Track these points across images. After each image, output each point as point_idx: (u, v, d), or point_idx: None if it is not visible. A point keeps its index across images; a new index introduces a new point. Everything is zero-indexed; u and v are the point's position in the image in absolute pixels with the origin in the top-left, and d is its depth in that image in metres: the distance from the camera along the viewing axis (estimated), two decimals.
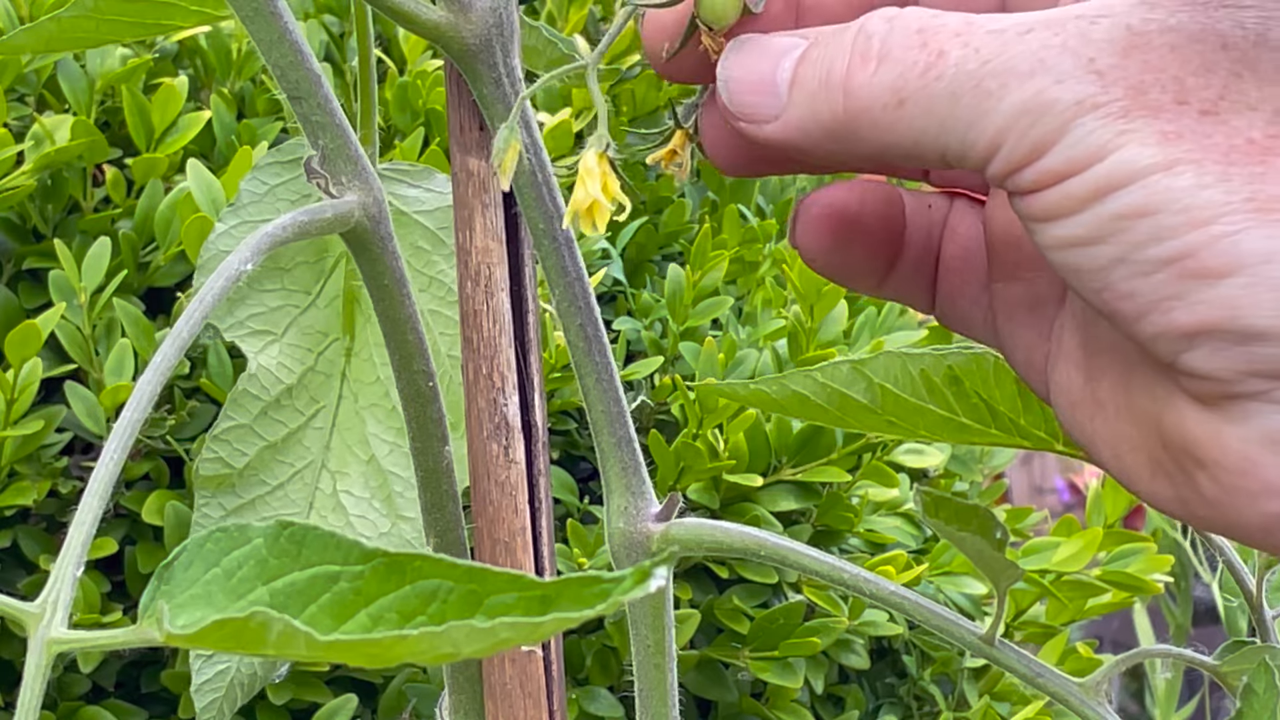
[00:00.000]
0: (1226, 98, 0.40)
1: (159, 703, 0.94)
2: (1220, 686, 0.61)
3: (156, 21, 0.64)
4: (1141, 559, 1.07)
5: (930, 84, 0.41)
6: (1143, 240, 0.39)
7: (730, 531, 0.57)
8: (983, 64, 0.41)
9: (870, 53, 0.43)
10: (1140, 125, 0.39)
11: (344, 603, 0.35)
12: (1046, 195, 0.41)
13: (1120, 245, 0.40)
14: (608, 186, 0.49)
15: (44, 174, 0.95)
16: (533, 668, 0.60)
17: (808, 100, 0.44)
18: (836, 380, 0.58)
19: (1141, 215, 0.39)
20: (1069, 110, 0.40)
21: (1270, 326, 0.39)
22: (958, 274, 0.49)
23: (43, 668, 0.37)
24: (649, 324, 1.04)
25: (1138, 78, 0.40)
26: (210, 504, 0.71)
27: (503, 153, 0.49)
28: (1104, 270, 0.40)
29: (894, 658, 1.11)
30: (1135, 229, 0.40)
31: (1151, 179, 0.39)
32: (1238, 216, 0.39)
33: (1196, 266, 0.39)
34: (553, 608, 0.33)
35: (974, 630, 0.56)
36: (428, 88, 1.04)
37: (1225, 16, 0.40)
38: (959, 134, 0.41)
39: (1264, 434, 0.40)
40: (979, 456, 1.17)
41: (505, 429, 0.60)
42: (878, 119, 0.42)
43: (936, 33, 0.42)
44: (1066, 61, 0.40)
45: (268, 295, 0.70)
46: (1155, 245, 0.39)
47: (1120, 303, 0.41)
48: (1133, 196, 0.39)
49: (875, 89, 0.42)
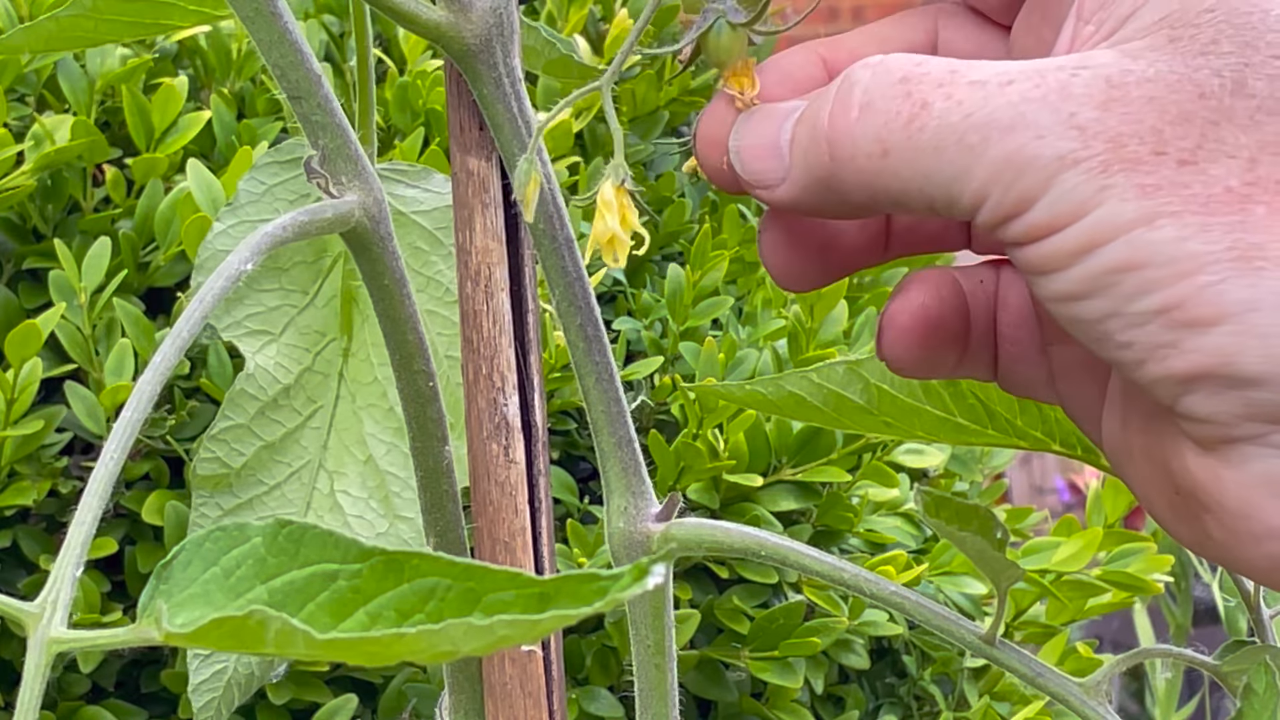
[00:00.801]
0: (1204, 146, 0.40)
1: (159, 703, 0.94)
2: (1220, 686, 0.61)
3: (156, 21, 0.64)
4: (1141, 559, 1.07)
5: (914, 135, 0.42)
6: (1132, 293, 0.40)
7: (730, 531, 0.57)
8: (965, 116, 0.41)
9: (852, 101, 0.43)
10: (1120, 180, 0.40)
11: (342, 601, 0.35)
12: (1037, 249, 0.41)
13: (1112, 299, 0.41)
14: (626, 219, 0.49)
15: (44, 174, 0.95)
16: (533, 667, 0.60)
17: (802, 156, 0.45)
18: (832, 381, 0.58)
19: (1128, 270, 0.40)
20: (1051, 165, 0.40)
21: (1261, 372, 0.39)
22: (1015, 343, 0.50)
23: (42, 667, 0.37)
24: (649, 324, 1.04)
25: (1116, 130, 0.40)
26: (208, 504, 0.71)
27: (524, 185, 0.50)
28: (1100, 322, 0.41)
29: (894, 658, 1.11)
30: (1124, 283, 0.40)
31: (1134, 234, 0.40)
32: (1220, 266, 0.39)
33: (1185, 317, 0.40)
34: (551, 605, 0.33)
35: (974, 630, 0.56)
36: (428, 88, 1.04)
37: (1204, 64, 0.41)
38: (944, 186, 0.42)
39: (1263, 478, 0.41)
40: (979, 456, 1.17)
41: (505, 429, 0.60)
42: (863, 168, 0.43)
43: (919, 82, 0.42)
44: (1046, 116, 0.41)
45: (266, 295, 0.70)
46: (1145, 297, 0.40)
47: (1120, 352, 0.41)
48: (1117, 252, 0.40)
49: (859, 139, 0.43)
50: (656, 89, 1.12)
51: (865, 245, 0.50)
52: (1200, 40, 0.41)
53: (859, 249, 0.50)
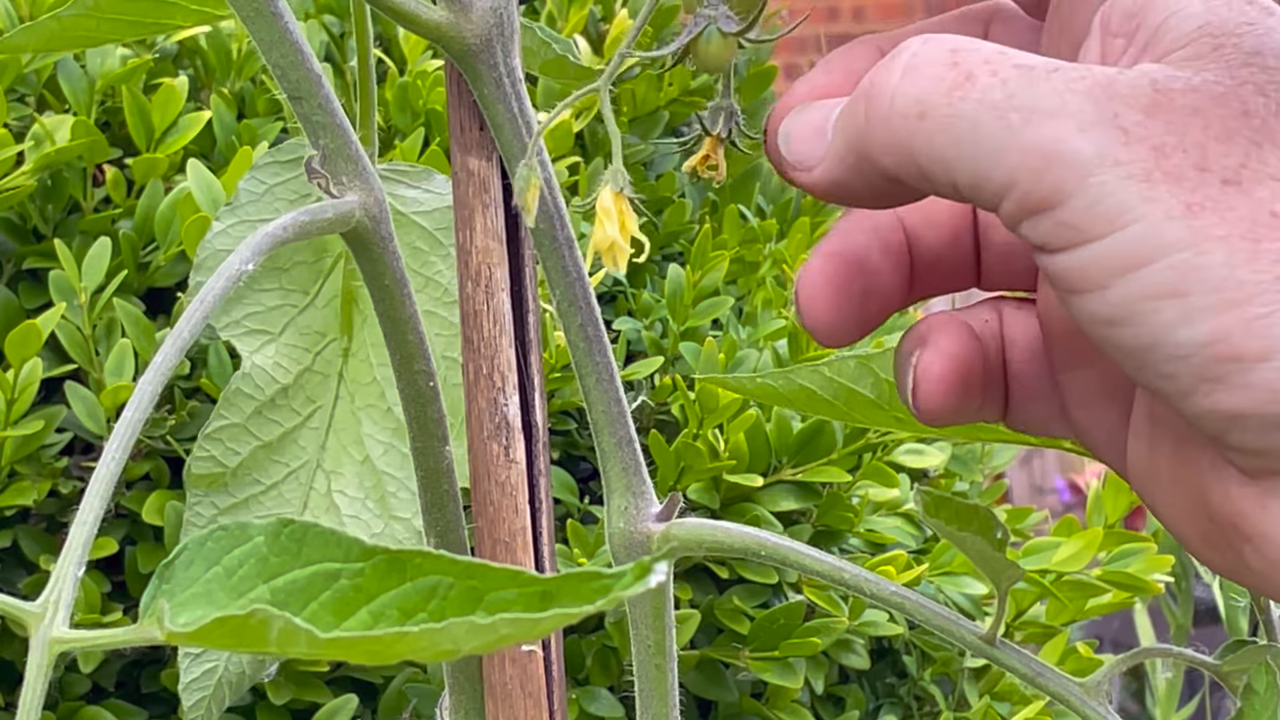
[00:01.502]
0: (1248, 166, 0.39)
1: (159, 703, 0.94)
2: (1221, 686, 0.61)
3: (156, 21, 0.64)
4: (1142, 559, 1.07)
5: (954, 103, 0.40)
6: (1175, 322, 0.39)
7: (730, 531, 0.57)
8: (1008, 96, 0.40)
9: (898, 65, 0.42)
10: (1164, 194, 0.38)
11: (345, 600, 0.35)
12: (1071, 258, 0.40)
13: (1153, 327, 0.39)
14: (625, 226, 0.49)
15: (44, 174, 0.95)
16: (533, 667, 0.60)
17: (841, 129, 0.44)
18: (843, 375, 0.58)
19: (1171, 296, 0.38)
20: (1090, 162, 0.39)
21: None
22: (1025, 379, 0.48)
23: (44, 667, 0.37)
24: (649, 324, 1.04)
25: (1160, 139, 0.39)
26: (202, 503, 0.71)
27: (524, 190, 0.50)
28: (1141, 352, 0.39)
29: (894, 658, 1.11)
30: (1165, 310, 0.39)
31: (1179, 257, 0.38)
32: (1269, 296, 0.38)
33: (1233, 351, 0.38)
34: (553, 603, 0.33)
35: (974, 630, 0.56)
36: (428, 88, 1.04)
37: (1247, 78, 0.39)
38: (974, 162, 0.40)
39: None
40: (979, 456, 1.17)
41: (505, 429, 0.60)
42: (897, 128, 0.41)
43: (969, 55, 0.41)
44: (1091, 110, 0.39)
45: (265, 295, 0.70)
46: (1189, 328, 0.38)
47: (1163, 383, 0.40)
48: (1161, 276, 0.38)
49: (897, 98, 0.41)
50: (656, 89, 1.12)
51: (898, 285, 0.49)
52: (1243, 50, 0.40)
53: (893, 289, 0.49)
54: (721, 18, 0.48)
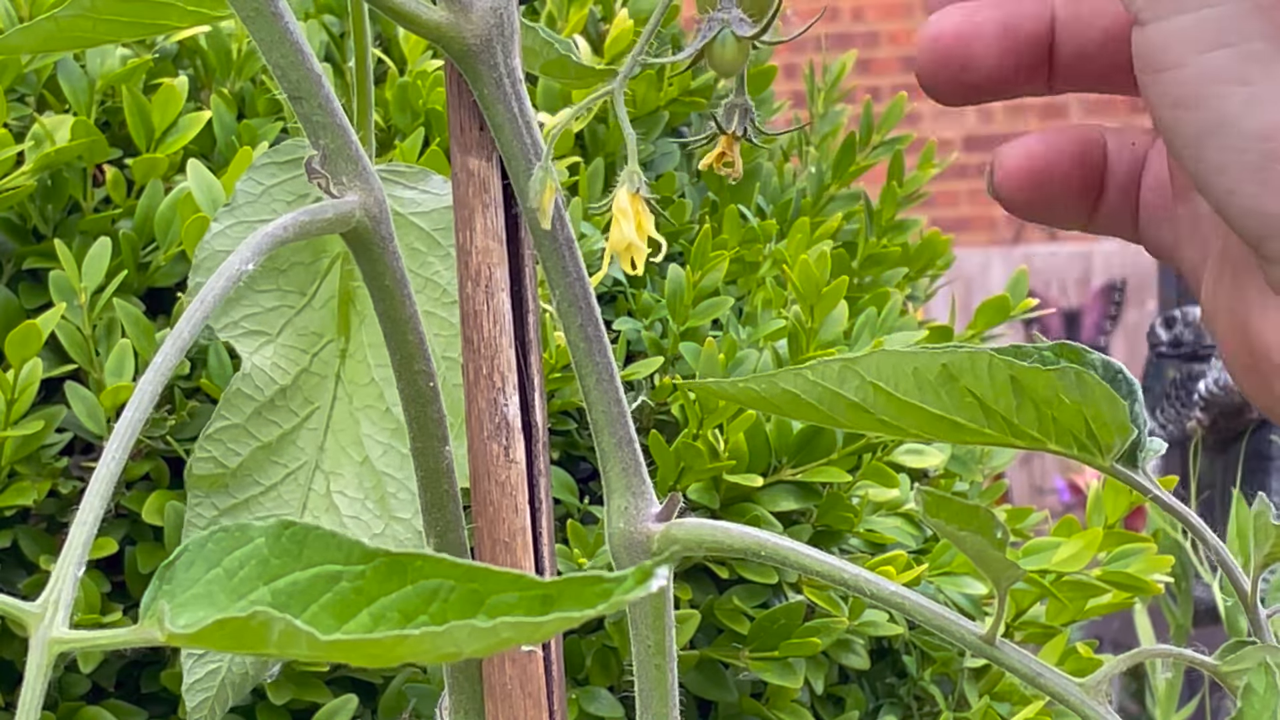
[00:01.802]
0: None
1: (159, 703, 0.94)
2: (1220, 686, 0.61)
3: (155, 21, 0.64)
4: (1142, 559, 1.07)
5: None
6: (1235, 111, 0.40)
7: (730, 532, 0.57)
8: None
9: None
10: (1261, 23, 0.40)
11: (346, 602, 0.35)
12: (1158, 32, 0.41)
13: (1216, 113, 0.41)
14: (642, 226, 0.49)
15: (44, 174, 0.95)
16: (533, 668, 0.60)
17: None
18: (827, 379, 0.58)
19: (1238, 83, 0.40)
20: None
21: None
22: (1151, 206, 0.50)
23: (44, 667, 0.37)
24: (649, 324, 1.04)
25: None
26: (203, 504, 0.71)
27: (540, 193, 0.50)
28: (1200, 138, 0.41)
29: (894, 658, 1.11)
30: (1230, 98, 0.40)
31: (1253, 46, 0.40)
32: None
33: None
34: (554, 607, 0.33)
35: (974, 630, 0.56)
36: (428, 88, 1.04)
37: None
38: None
39: None
40: (979, 457, 1.17)
41: (505, 429, 0.60)
42: None
43: None
44: None
45: (263, 296, 0.70)
46: (1248, 118, 0.40)
47: (1214, 177, 0.41)
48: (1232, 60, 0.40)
49: None
50: (657, 89, 1.12)
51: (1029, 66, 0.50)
52: None
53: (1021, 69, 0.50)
54: (735, 21, 0.48)
